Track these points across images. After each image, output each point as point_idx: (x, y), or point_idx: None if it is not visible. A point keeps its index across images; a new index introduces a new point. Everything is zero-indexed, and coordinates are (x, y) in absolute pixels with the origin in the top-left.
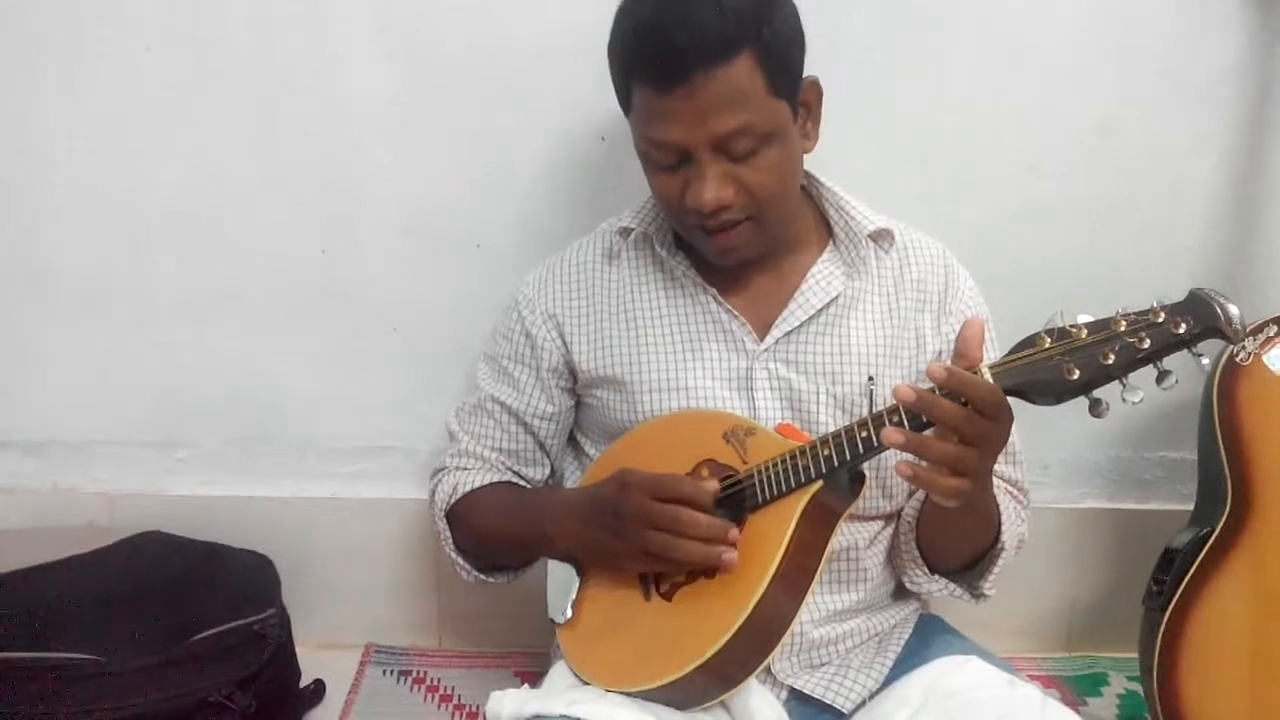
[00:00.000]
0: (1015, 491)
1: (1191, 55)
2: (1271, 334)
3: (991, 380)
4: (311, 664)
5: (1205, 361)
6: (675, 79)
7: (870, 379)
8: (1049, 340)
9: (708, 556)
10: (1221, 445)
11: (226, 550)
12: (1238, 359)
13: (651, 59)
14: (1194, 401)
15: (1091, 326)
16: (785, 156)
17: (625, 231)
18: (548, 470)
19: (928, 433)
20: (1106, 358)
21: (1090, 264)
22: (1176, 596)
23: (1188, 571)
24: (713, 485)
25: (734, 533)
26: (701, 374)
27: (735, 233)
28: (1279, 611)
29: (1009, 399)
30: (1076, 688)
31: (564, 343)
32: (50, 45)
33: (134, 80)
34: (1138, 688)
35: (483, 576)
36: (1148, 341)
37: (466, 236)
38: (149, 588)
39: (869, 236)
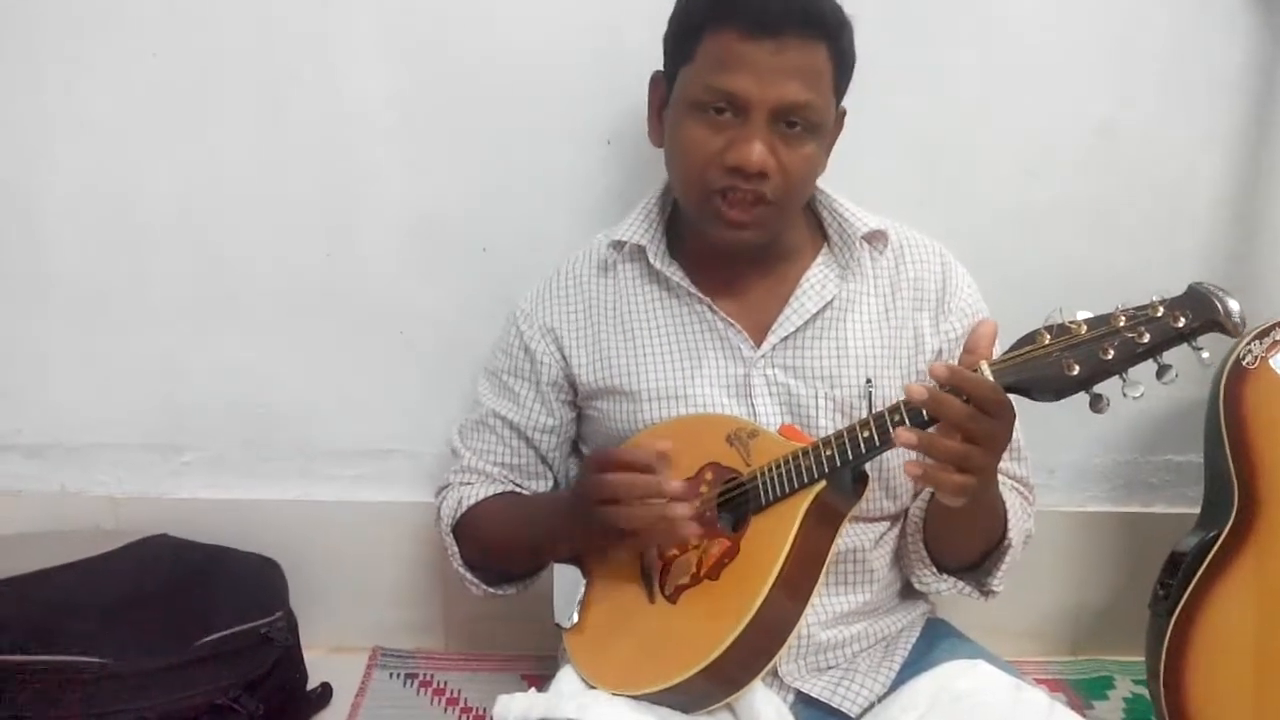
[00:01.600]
0: (1021, 488)
1: (1191, 56)
2: (1278, 337)
3: (992, 377)
4: (318, 667)
5: (1205, 355)
6: (771, 30)
7: (868, 381)
8: (1049, 337)
9: (651, 518)
10: (1228, 449)
11: (233, 554)
12: (1244, 362)
13: (753, 5)
14: (1200, 404)
15: (1091, 322)
16: (818, 157)
17: (618, 244)
18: (550, 483)
19: (931, 430)
20: (1106, 353)
21: (1091, 265)
22: (1183, 600)
23: (1194, 575)
24: (664, 444)
25: (673, 485)
26: (700, 382)
27: (754, 210)
28: None
29: (1011, 397)
30: (1083, 691)
31: (563, 356)
32: (53, 50)
33: (137, 85)
34: (1144, 691)
35: (492, 590)
36: (1147, 336)
37: (472, 240)
38: (156, 591)
39: (863, 238)
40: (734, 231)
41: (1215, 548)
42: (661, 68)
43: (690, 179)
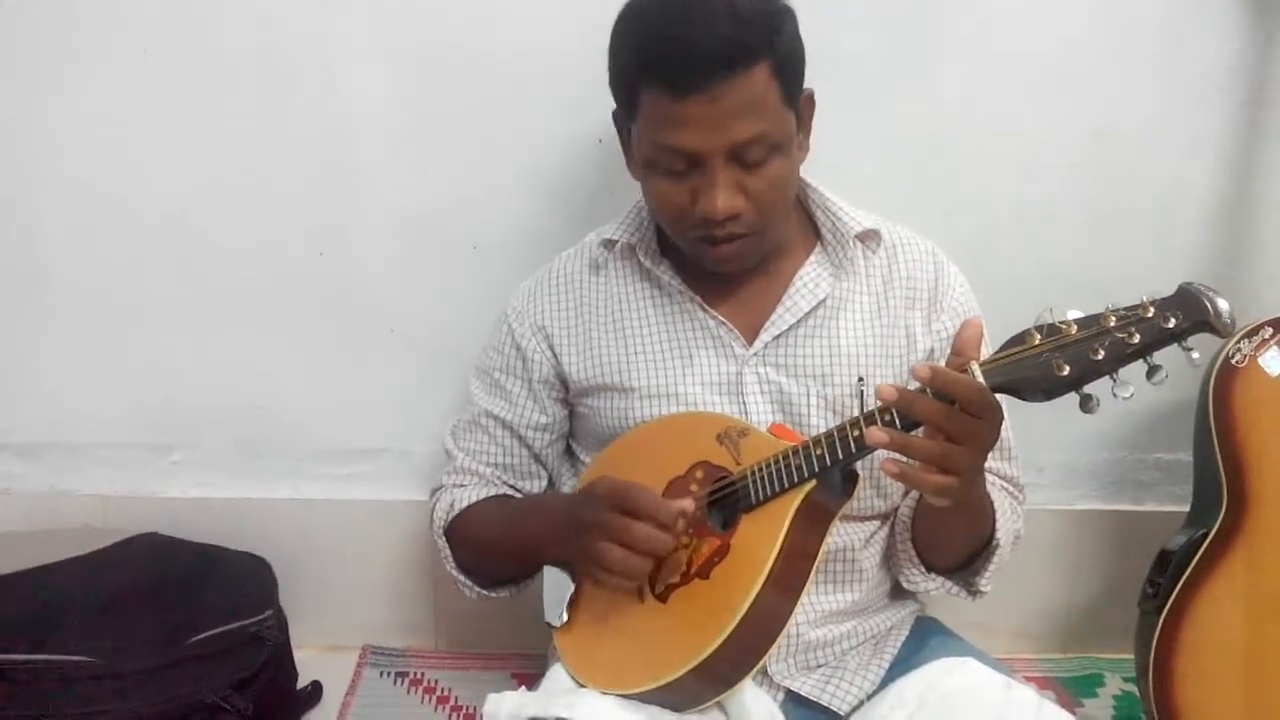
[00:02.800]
0: (1011, 488)
1: (1186, 59)
2: (1267, 336)
3: (982, 377)
4: (308, 666)
5: (1195, 356)
6: (695, 85)
7: (860, 380)
8: (1039, 337)
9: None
10: (1217, 447)
11: (223, 552)
12: (1233, 361)
13: (671, 64)
14: (1190, 403)
15: (1081, 323)
16: (789, 167)
17: (609, 243)
18: (544, 483)
19: (916, 431)
20: (1096, 353)
21: (1085, 268)
22: (1172, 598)
23: (1183, 573)
24: (687, 504)
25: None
26: (691, 381)
27: (736, 245)
28: (1274, 612)
29: (1000, 396)
30: (1073, 689)
31: (554, 354)
32: (50, 49)
33: (133, 84)
34: (1134, 689)
35: (486, 593)
36: (1137, 337)
37: (463, 239)
38: (146, 590)
39: (856, 237)
40: (725, 265)
41: (1204, 546)
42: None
43: (670, 229)
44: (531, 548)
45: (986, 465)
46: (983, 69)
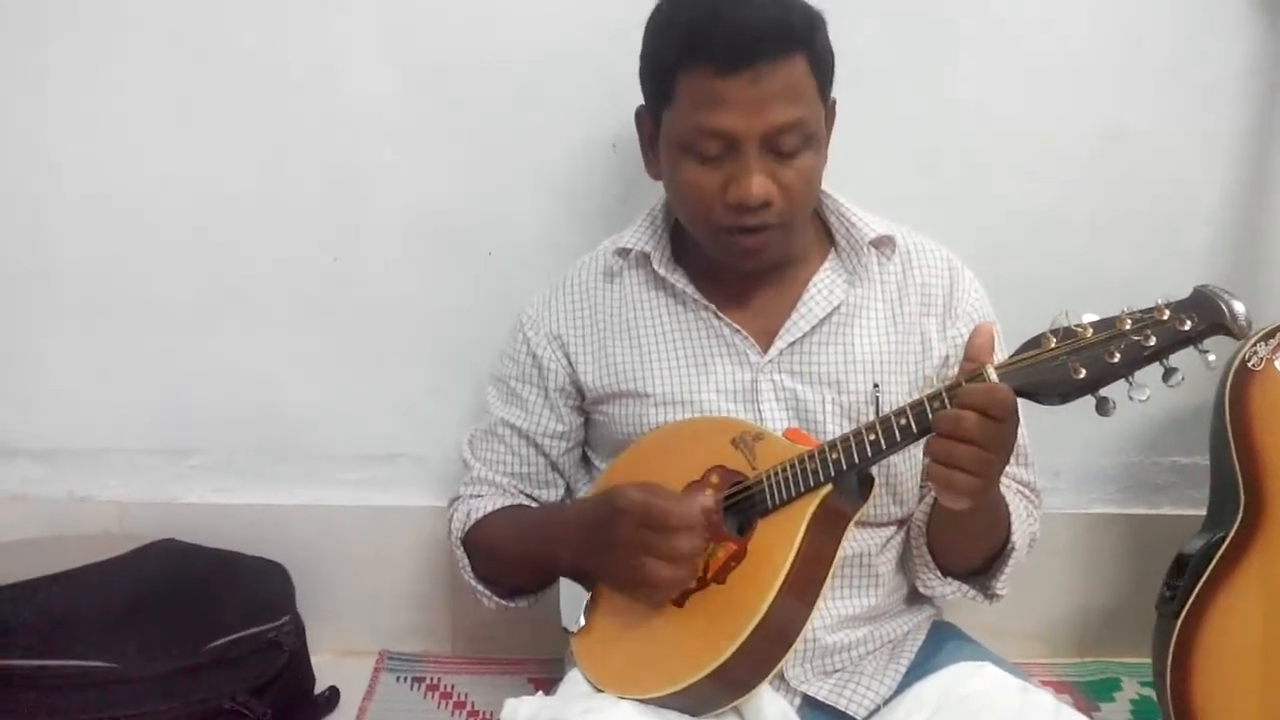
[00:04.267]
0: (1027, 492)
1: (1196, 60)
2: None
3: (998, 379)
4: (326, 671)
5: (1212, 358)
6: (742, 63)
7: (876, 386)
8: (1054, 340)
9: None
10: (1234, 450)
11: (240, 558)
12: (1250, 364)
13: (719, 42)
14: (1206, 406)
15: (1097, 326)
16: (818, 164)
17: (623, 251)
18: (561, 491)
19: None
20: (1112, 356)
21: (1096, 270)
22: (1190, 602)
23: (1201, 577)
24: (707, 501)
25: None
26: (707, 388)
27: (764, 235)
28: None
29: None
30: (1090, 693)
31: (569, 362)
32: (55, 51)
33: (141, 87)
34: (1151, 693)
35: (504, 602)
36: (1153, 339)
37: (476, 243)
38: (163, 596)
39: (870, 243)
40: (750, 258)
41: (1221, 549)
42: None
43: (696, 220)
44: (550, 559)
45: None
46: (994, 72)
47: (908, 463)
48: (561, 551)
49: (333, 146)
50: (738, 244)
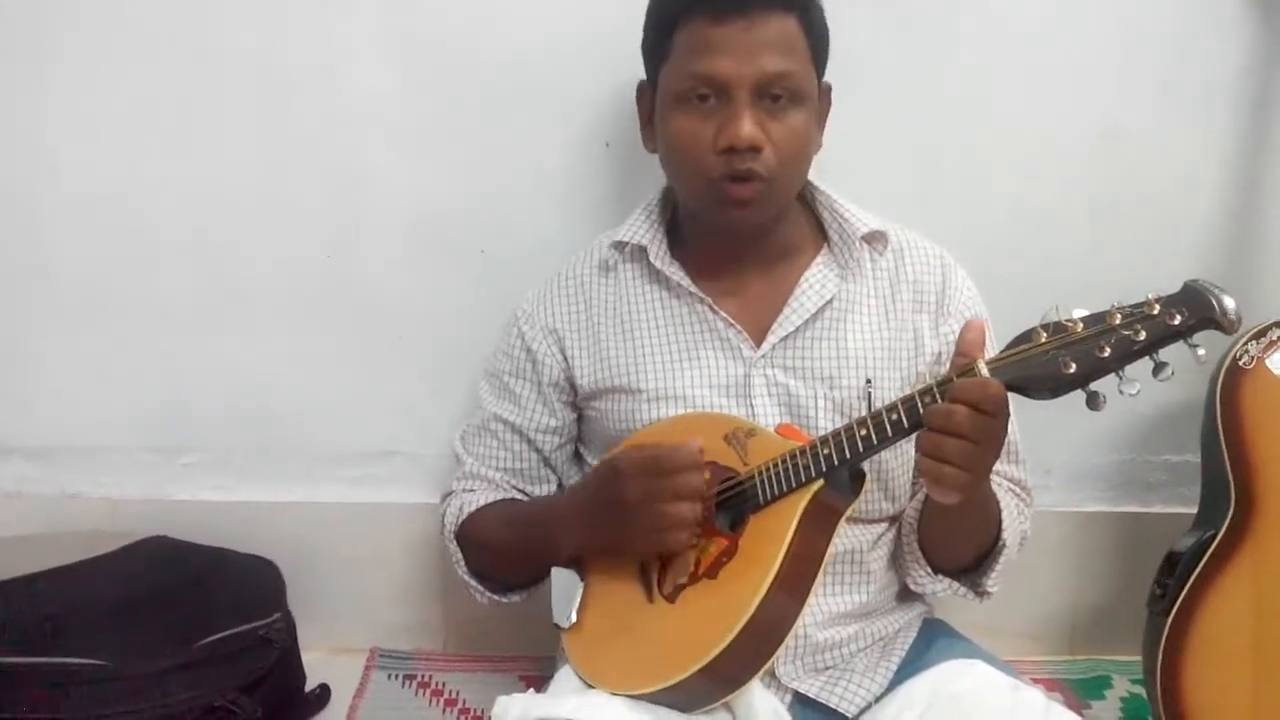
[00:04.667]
0: (1018, 490)
1: (1192, 60)
2: (1275, 337)
3: (989, 374)
4: (317, 668)
5: (1202, 353)
6: (736, 9)
7: (868, 382)
8: (1045, 335)
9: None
10: (1225, 448)
11: (232, 555)
12: (1241, 362)
13: None
14: (1197, 404)
15: (1087, 320)
16: (808, 127)
17: (619, 244)
18: (553, 487)
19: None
20: (1102, 351)
21: (1092, 268)
22: (1180, 600)
23: (1191, 575)
24: (698, 441)
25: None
26: (699, 382)
27: (753, 185)
28: None
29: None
30: (1080, 691)
31: (564, 357)
32: (54, 51)
33: (138, 86)
34: (1141, 691)
35: (497, 597)
36: (1143, 334)
37: (471, 242)
38: (155, 593)
39: (863, 239)
40: (739, 211)
41: (1212, 547)
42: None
43: (688, 171)
44: (546, 547)
45: (995, 468)
46: (991, 70)
47: (899, 459)
48: (563, 538)
49: (331, 147)
50: (728, 192)
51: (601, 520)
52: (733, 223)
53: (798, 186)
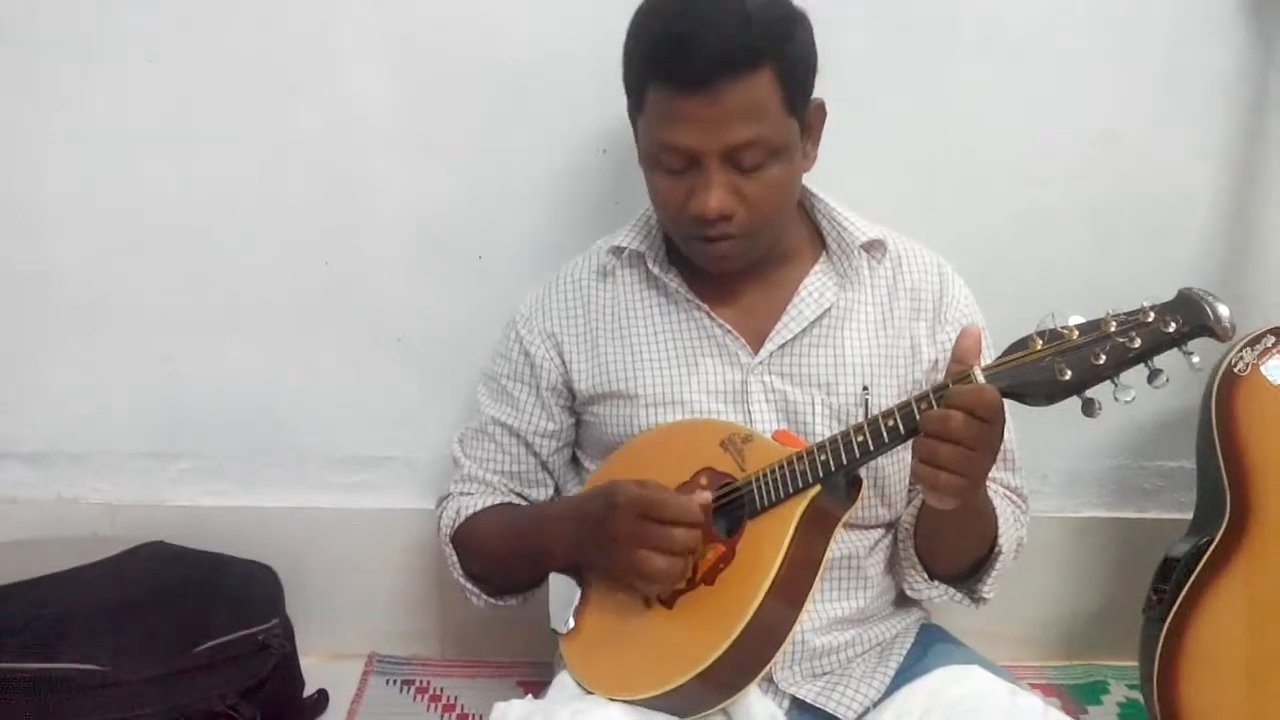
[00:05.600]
0: (1014, 497)
1: (1190, 65)
2: (1270, 344)
3: (984, 380)
4: (315, 674)
5: (1196, 360)
6: (698, 85)
7: (865, 389)
8: (1040, 342)
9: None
10: (1220, 455)
11: (230, 560)
12: (1236, 369)
13: (676, 63)
14: (1193, 411)
15: (1082, 328)
16: (788, 174)
17: (617, 250)
18: (551, 490)
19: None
20: (1098, 358)
21: (1089, 273)
22: (1176, 605)
23: (1187, 580)
24: (704, 497)
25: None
26: (697, 389)
27: (729, 244)
28: (1278, 619)
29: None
30: (1077, 696)
31: (562, 361)
32: (53, 58)
33: (137, 92)
34: (1138, 696)
35: (494, 601)
36: (1138, 341)
37: (469, 248)
38: (153, 598)
39: (861, 247)
40: (716, 265)
41: (1208, 553)
42: None
43: (667, 222)
44: (541, 553)
45: (991, 475)
46: (987, 75)
47: (896, 465)
48: (555, 546)
49: (329, 152)
50: (703, 251)
51: (585, 542)
52: (715, 269)
53: (783, 227)
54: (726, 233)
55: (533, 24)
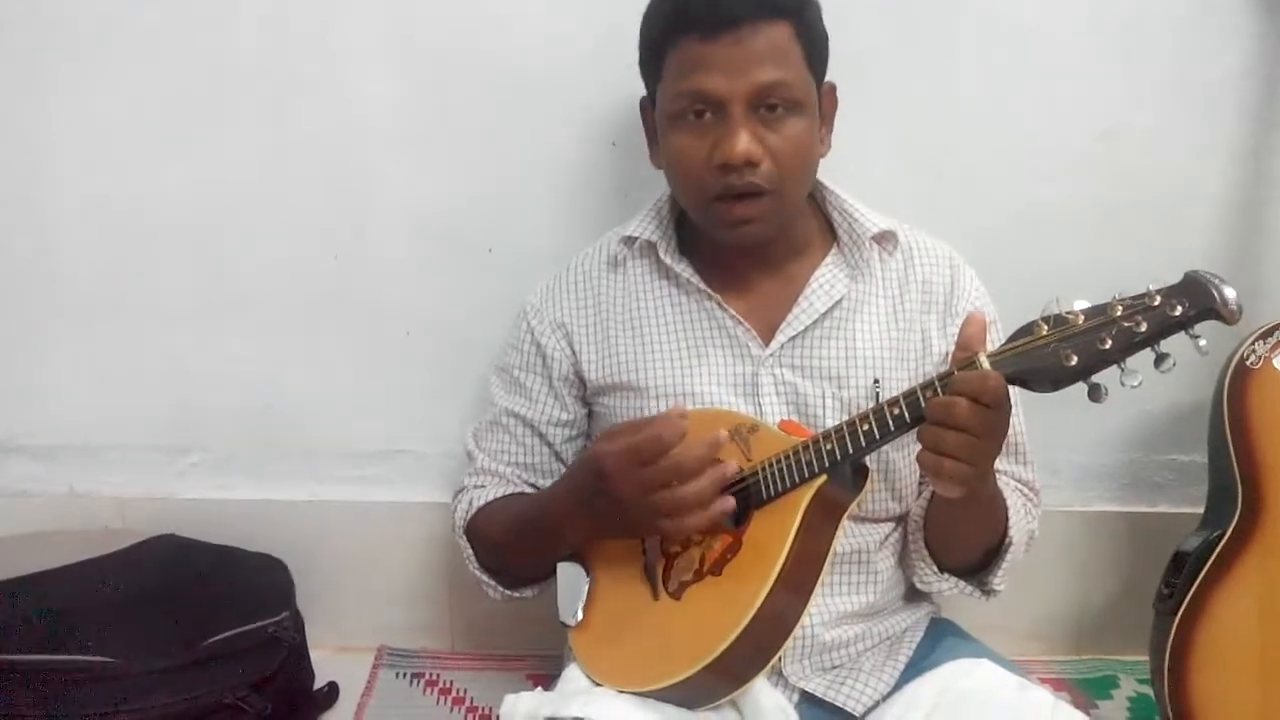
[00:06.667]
0: (1026, 491)
1: (1195, 61)
2: None
3: (990, 367)
4: (325, 666)
5: (1203, 343)
6: (725, 25)
7: (876, 381)
8: (1046, 328)
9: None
10: (1232, 448)
11: (240, 554)
12: (1248, 362)
13: (703, 7)
14: (1204, 404)
15: (1088, 313)
16: (809, 134)
17: (629, 240)
18: None
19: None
20: (1104, 343)
21: (1095, 269)
22: (1187, 600)
23: (1198, 575)
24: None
25: (732, 466)
26: (707, 380)
27: (755, 203)
28: None
29: (1010, 390)
30: (1087, 691)
31: (573, 351)
32: (60, 54)
33: (144, 88)
34: (1148, 691)
35: (510, 593)
36: (1144, 325)
37: (477, 241)
38: (164, 591)
39: (872, 239)
40: (741, 228)
41: (1219, 547)
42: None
43: (688, 188)
44: (552, 537)
45: (1002, 468)
46: (993, 71)
47: (905, 458)
48: (564, 527)
49: (334, 145)
50: (730, 212)
51: (596, 515)
52: (738, 239)
53: (803, 194)
54: (753, 183)
55: (540, 18)
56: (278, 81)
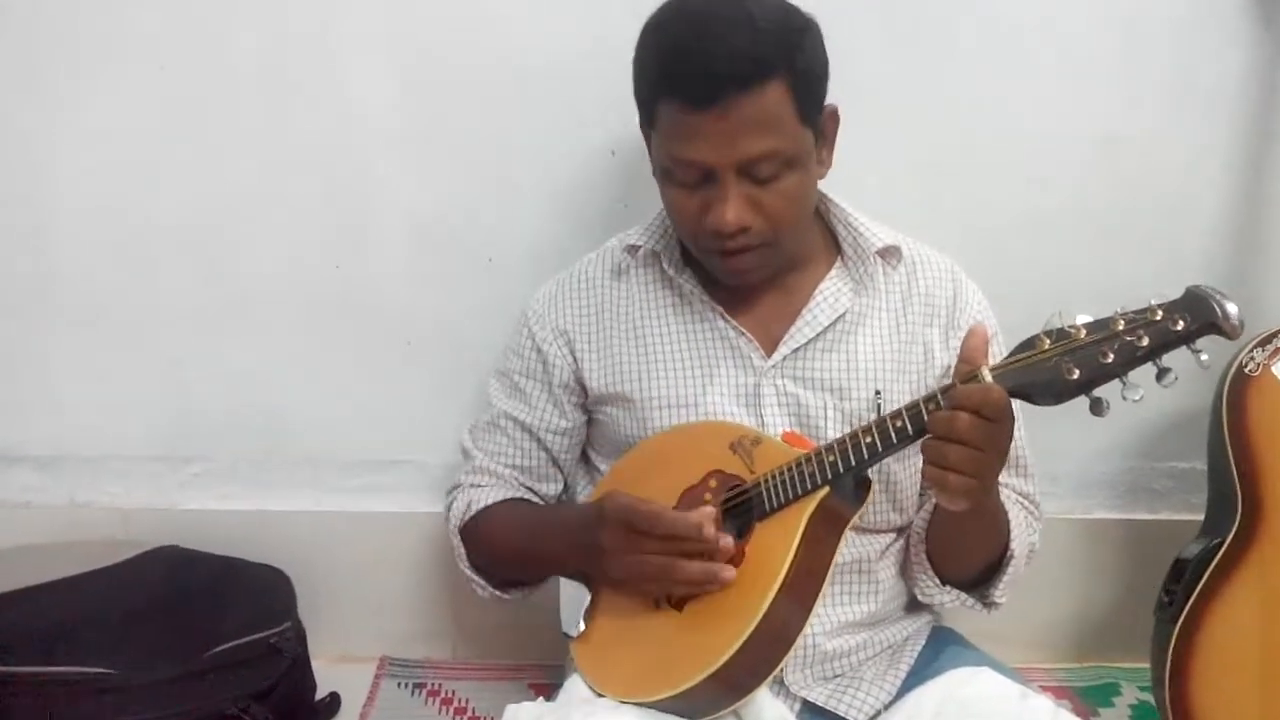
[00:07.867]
0: (1027, 504)
1: (1194, 66)
2: None
3: (991, 380)
4: (327, 677)
5: (1205, 358)
6: (710, 99)
7: (878, 393)
8: (1048, 341)
9: (705, 574)
10: (1231, 455)
11: (242, 564)
12: (1247, 370)
13: (687, 78)
14: (1204, 411)
15: (1090, 326)
16: (804, 183)
17: (633, 249)
18: (561, 486)
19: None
20: (1106, 356)
21: (1094, 275)
22: (1188, 607)
23: (1199, 582)
24: (709, 510)
25: (726, 541)
26: (710, 391)
27: (749, 256)
28: None
29: (1012, 403)
30: (1088, 698)
31: (574, 358)
32: (59, 62)
33: (143, 96)
34: (1150, 698)
35: (497, 593)
36: (1146, 339)
37: (478, 250)
38: (165, 602)
39: (877, 253)
40: (735, 277)
41: (1219, 554)
42: None
43: (683, 233)
44: (549, 558)
45: (1003, 481)
46: (993, 76)
47: (907, 470)
48: (565, 555)
49: (334, 154)
50: (723, 264)
51: (586, 552)
52: (734, 282)
53: (802, 234)
54: (745, 244)
55: (540, 24)
56: (278, 89)
